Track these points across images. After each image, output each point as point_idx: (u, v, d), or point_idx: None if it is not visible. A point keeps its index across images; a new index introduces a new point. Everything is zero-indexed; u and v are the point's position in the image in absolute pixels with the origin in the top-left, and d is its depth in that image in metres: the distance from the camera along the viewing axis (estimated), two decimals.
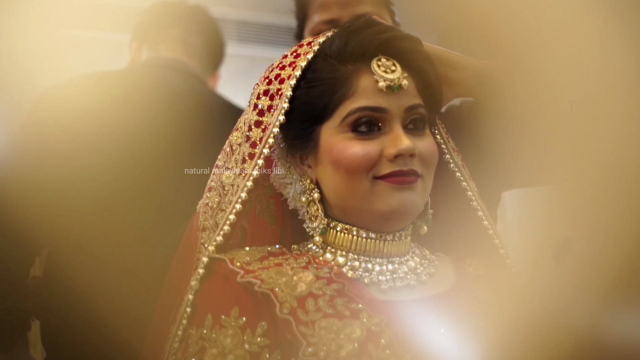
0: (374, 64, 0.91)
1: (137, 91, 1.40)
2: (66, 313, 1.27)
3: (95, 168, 1.28)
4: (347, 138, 0.91)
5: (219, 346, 0.84)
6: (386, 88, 0.90)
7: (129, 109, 1.33)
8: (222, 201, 0.96)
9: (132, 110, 1.32)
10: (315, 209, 0.96)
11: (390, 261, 0.95)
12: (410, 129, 0.93)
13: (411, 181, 0.90)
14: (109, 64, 1.52)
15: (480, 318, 0.91)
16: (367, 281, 0.92)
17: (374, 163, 0.90)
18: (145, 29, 1.60)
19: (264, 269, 0.89)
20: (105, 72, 1.46)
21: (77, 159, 1.27)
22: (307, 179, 0.97)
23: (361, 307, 0.86)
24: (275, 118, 0.93)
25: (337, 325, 0.83)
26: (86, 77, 1.40)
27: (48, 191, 1.25)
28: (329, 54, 0.93)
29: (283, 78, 0.94)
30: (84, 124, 1.28)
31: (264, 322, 0.85)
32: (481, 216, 1.02)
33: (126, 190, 1.30)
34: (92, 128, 1.28)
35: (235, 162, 0.96)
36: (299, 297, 0.85)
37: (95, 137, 1.27)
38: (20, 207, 1.19)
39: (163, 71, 1.48)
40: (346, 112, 0.91)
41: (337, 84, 0.91)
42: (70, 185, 1.27)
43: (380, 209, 0.90)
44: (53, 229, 1.24)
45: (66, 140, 1.27)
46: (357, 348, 0.81)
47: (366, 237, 0.94)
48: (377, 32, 0.93)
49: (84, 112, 1.29)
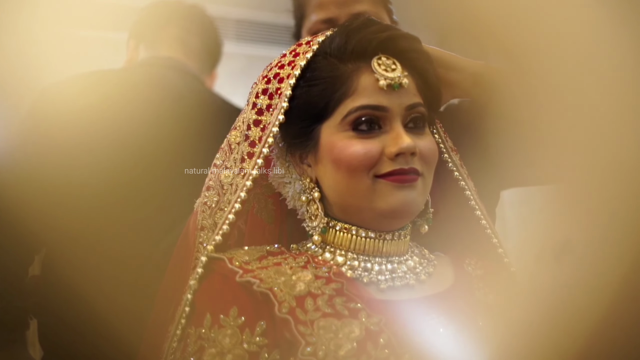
0: (374, 63, 0.91)
1: (135, 90, 1.40)
2: (64, 312, 1.27)
3: (95, 167, 1.27)
4: (347, 137, 0.91)
5: (218, 346, 0.84)
6: (387, 87, 0.90)
7: (127, 108, 1.32)
8: (220, 200, 0.95)
9: (131, 109, 1.32)
10: (315, 208, 0.95)
11: (390, 260, 0.95)
12: (410, 127, 0.93)
13: (412, 180, 0.90)
14: (106, 62, 1.52)
15: (479, 317, 0.91)
16: (366, 281, 0.92)
17: (375, 162, 0.90)
18: (142, 27, 1.60)
19: (263, 268, 0.89)
20: (104, 71, 1.45)
21: (76, 157, 1.27)
22: (307, 178, 0.96)
23: (360, 306, 0.85)
24: (275, 117, 0.93)
25: (336, 325, 0.83)
26: (85, 75, 1.40)
27: (47, 189, 1.25)
28: (329, 52, 0.93)
29: (282, 77, 0.94)
30: (82, 122, 1.27)
31: (262, 322, 0.85)
32: (479, 215, 1.02)
33: (126, 189, 1.29)
34: (90, 127, 1.27)
35: (234, 161, 0.96)
36: (297, 296, 0.85)
37: (94, 136, 1.27)
38: (20, 205, 1.19)
39: (161, 70, 1.48)
40: (347, 110, 0.90)
41: (337, 83, 0.91)
42: (69, 183, 1.27)
43: (381, 207, 0.90)
44: (52, 228, 1.24)
45: (65, 138, 1.27)
46: (356, 347, 0.81)
47: (365, 236, 0.94)
48: (377, 30, 0.93)
49: (83, 111, 1.29)
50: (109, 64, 1.55)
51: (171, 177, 1.32)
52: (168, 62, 1.51)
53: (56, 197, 1.25)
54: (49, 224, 1.22)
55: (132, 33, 1.60)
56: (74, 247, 1.27)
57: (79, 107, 1.30)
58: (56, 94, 1.33)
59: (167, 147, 1.33)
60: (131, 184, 1.30)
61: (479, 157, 1.28)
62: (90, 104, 1.31)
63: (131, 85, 1.42)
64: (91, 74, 1.41)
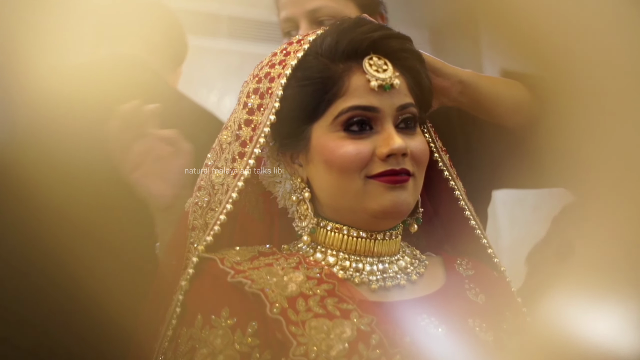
0: (365, 63, 0.91)
1: (97, 86, 1.39)
2: (63, 309, 1.27)
3: (83, 165, 1.27)
4: (339, 137, 0.90)
5: (210, 346, 0.84)
6: (378, 87, 0.90)
7: (90, 104, 1.31)
8: (211, 200, 0.95)
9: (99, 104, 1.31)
10: (305, 208, 0.95)
11: (381, 260, 0.95)
12: (401, 128, 0.92)
13: (403, 180, 0.90)
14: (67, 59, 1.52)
15: (470, 318, 0.91)
16: (358, 281, 0.92)
17: (366, 162, 0.90)
18: (103, 24, 1.59)
19: (255, 269, 0.89)
20: (72, 65, 1.45)
21: (64, 156, 1.26)
22: (298, 177, 0.96)
23: (351, 307, 0.85)
24: (266, 117, 0.93)
25: (327, 325, 0.83)
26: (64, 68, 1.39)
27: (48, 187, 1.24)
28: (320, 52, 0.93)
29: (273, 76, 0.94)
30: (63, 119, 1.27)
31: (254, 322, 0.84)
32: (468, 215, 1.02)
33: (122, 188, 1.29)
34: (66, 121, 1.27)
35: (225, 161, 0.95)
36: (289, 297, 0.85)
37: (78, 132, 1.27)
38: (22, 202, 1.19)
39: (120, 66, 1.47)
40: (338, 111, 0.90)
41: (328, 83, 0.91)
42: (67, 182, 1.27)
43: (373, 208, 0.90)
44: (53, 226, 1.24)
45: (51, 134, 1.26)
46: (348, 348, 0.81)
47: (357, 236, 0.94)
48: (369, 30, 0.93)
49: (61, 106, 1.29)
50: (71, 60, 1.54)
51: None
52: (128, 58, 1.51)
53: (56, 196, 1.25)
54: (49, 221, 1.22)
55: (94, 29, 1.60)
56: (75, 246, 1.27)
57: (58, 102, 1.29)
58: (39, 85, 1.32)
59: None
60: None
61: (470, 155, 1.29)
62: (68, 99, 1.30)
63: (93, 81, 1.41)
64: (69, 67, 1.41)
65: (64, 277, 1.24)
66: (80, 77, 1.43)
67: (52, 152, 1.26)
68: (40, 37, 1.37)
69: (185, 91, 1.60)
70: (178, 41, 1.65)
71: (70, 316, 1.26)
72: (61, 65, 1.44)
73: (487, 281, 1.00)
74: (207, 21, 2.80)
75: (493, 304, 0.97)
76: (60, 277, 1.25)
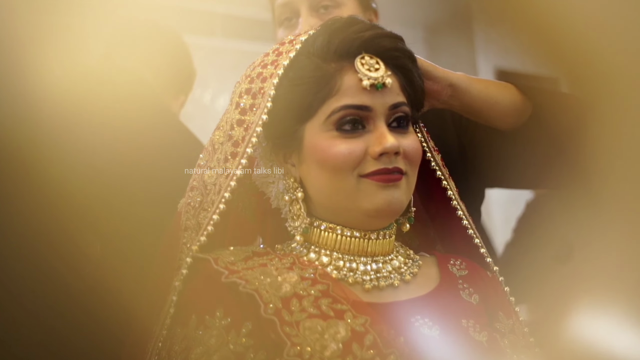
0: (357, 63, 0.91)
1: (102, 92, 1.42)
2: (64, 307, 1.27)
3: (92, 166, 1.28)
4: (331, 137, 0.90)
5: (204, 346, 0.84)
6: (370, 86, 0.90)
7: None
8: (204, 201, 0.95)
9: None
10: (297, 207, 0.95)
11: (375, 260, 0.95)
12: (394, 127, 0.92)
13: (396, 179, 0.90)
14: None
15: (463, 318, 0.91)
16: (352, 281, 0.92)
17: (359, 161, 0.90)
18: (116, 38, 1.64)
19: (249, 269, 0.89)
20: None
21: (76, 154, 1.28)
22: (291, 177, 0.96)
23: (345, 307, 0.85)
24: (258, 117, 0.92)
25: (321, 326, 0.83)
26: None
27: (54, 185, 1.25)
28: (312, 52, 0.93)
29: (265, 76, 0.94)
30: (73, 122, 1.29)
31: (248, 323, 0.85)
32: (461, 215, 1.02)
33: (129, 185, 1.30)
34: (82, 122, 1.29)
35: (218, 162, 0.95)
36: (283, 297, 0.85)
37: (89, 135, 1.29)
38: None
39: (120, 80, 1.50)
40: (330, 110, 0.90)
41: (321, 83, 0.91)
42: (74, 180, 1.27)
43: (366, 207, 0.90)
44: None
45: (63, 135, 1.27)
46: (342, 348, 0.81)
47: (350, 235, 0.94)
48: (360, 30, 0.93)
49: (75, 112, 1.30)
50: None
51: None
52: (131, 76, 1.54)
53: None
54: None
55: (107, 41, 1.63)
56: (75, 245, 1.28)
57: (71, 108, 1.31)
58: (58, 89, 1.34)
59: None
60: (133, 181, 1.32)
61: (463, 154, 1.28)
62: (84, 101, 1.32)
63: (99, 85, 1.45)
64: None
65: (71, 273, 1.24)
66: (89, 81, 1.45)
67: (61, 149, 1.27)
68: (58, 40, 1.38)
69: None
70: (184, 70, 1.71)
71: (72, 313, 1.26)
72: (74, 69, 1.46)
73: (480, 281, 1.00)
74: (202, 20, 2.80)
75: (486, 304, 0.97)
76: (67, 273, 1.25)
